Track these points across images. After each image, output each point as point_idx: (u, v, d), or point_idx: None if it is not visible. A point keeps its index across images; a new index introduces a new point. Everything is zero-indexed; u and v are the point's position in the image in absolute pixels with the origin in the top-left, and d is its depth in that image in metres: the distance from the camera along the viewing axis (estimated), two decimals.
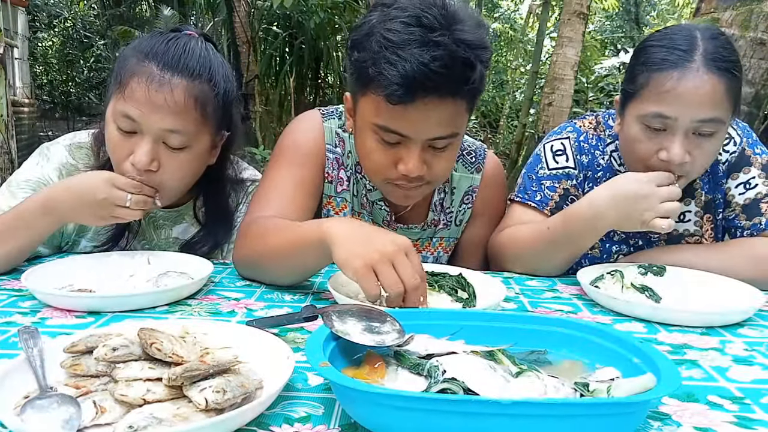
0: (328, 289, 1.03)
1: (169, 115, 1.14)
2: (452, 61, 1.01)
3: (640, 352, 0.70)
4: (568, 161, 1.41)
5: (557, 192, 1.41)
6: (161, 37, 1.19)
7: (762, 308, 1.11)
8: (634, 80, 1.23)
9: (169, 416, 0.60)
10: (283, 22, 8.95)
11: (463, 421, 0.57)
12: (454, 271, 1.13)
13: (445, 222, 1.43)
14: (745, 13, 3.34)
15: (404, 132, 1.08)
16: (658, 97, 1.18)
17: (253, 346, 0.75)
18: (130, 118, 1.14)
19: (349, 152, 1.34)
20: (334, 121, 1.34)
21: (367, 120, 1.11)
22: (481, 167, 1.42)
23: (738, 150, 1.36)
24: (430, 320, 0.80)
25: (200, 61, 1.18)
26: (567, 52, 5.97)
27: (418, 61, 0.99)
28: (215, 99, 1.20)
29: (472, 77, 1.04)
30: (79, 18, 13.86)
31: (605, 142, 1.42)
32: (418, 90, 1.01)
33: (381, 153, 1.12)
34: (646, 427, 0.66)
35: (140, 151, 1.15)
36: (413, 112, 1.04)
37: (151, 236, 1.39)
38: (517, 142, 7.32)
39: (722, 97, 1.17)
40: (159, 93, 1.13)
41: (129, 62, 1.17)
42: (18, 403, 0.62)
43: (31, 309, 0.99)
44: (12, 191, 1.28)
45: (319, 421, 0.65)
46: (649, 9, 15.07)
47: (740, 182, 1.36)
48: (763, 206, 1.34)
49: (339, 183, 1.35)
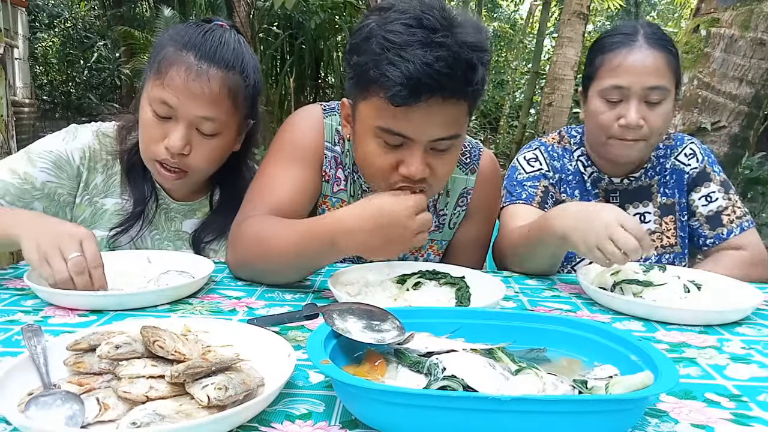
0: (329, 288, 1.04)
1: (204, 103, 1.20)
2: (455, 62, 1.00)
3: (638, 350, 0.70)
4: (542, 165, 1.57)
5: (539, 189, 1.54)
6: (198, 28, 1.25)
7: (760, 307, 1.12)
8: (592, 64, 1.48)
9: (171, 413, 0.60)
10: (284, 22, 8.96)
11: (462, 417, 0.57)
12: (456, 273, 1.14)
13: (437, 224, 1.41)
14: (745, 13, 3.35)
15: (407, 133, 1.06)
16: (612, 71, 1.42)
17: (254, 344, 0.76)
18: (167, 104, 1.20)
19: (348, 150, 1.32)
20: (334, 118, 1.32)
21: (369, 124, 1.09)
22: (476, 168, 1.41)
23: (700, 167, 1.58)
24: (430, 318, 0.80)
25: (234, 53, 1.24)
26: (567, 52, 5.98)
27: (421, 62, 0.98)
28: (245, 89, 1.26)
29: (475, 78, 1.04)
30: (80, 18, 13.86)
31: (571, 150, 1.61)
32: (422, 91, 1.00)
33: (383, 156, 1.10)
34: (644, 423, 0.66)
35: (174, 135, 1.22)
36: (416, 113, 1.03)
37: (162, 227, 1.40)
38: (517, 142, 7.34)
39: (664, 68, 1.40)
40: (196, 82, 1.19)
41: (167, 50, 1.23)
42: (22, 400, 0.63)
43: (34, 308, 0.99)
44: (31, 158, 1.30)
45: (320, 418, 0.65)
46: (648, 9, 15.07)
47: (702, 195, 1.57)
48: (724, 218, 1.55)
49: (336, 182, 1.33)
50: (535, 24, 10.20)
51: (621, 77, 1.40)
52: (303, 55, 9.26)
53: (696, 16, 3.69)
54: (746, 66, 3.35)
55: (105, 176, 1.36)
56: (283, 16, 8.49)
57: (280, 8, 5.83)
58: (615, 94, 1.41)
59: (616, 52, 1.42)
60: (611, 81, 1.41)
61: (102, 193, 1.36)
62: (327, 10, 8.16)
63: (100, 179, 1.36)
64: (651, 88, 1.38)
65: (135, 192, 1.35)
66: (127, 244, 1.36)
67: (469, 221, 1.43)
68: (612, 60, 1.42)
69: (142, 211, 1.35)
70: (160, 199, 1.39)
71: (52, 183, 1.30)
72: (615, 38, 1.44)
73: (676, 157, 1.59)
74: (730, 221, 1.54)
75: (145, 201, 1.35)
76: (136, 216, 1.35)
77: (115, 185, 1.37)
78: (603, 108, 1.43)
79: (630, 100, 1.40)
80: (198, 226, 1.41)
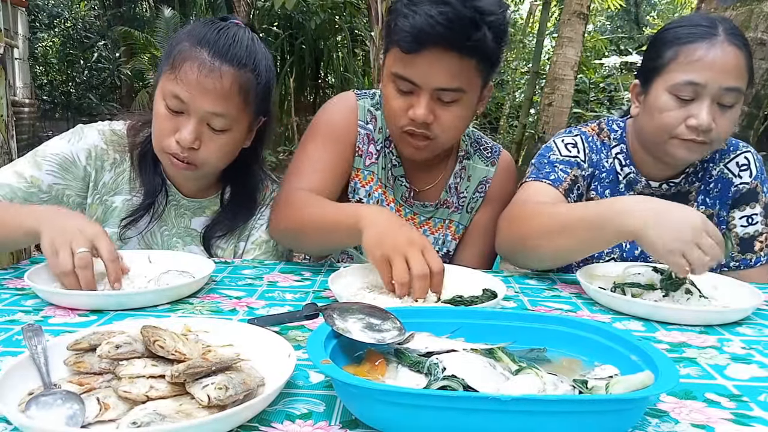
0: (329, 288, 1.04)
1: (216, 99, 1.22)
2: (457, 17, 1.14)
3: (638, 350, 0.70)
4: (580, 153, 1.46)
5: (569, 176, 1.41)
6: (213, 26, 1.27)
7: (760, 307, 1.12)
8: (661, 56, 1.31)
9: (172, 413, 0.60)
10: (284, 22, 8.97)
11: (462, 417, 0.57)
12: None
13: (456, 205, 1.51)
14: (745, 13, 3.35)
15: (413, 79, 1.22)
16: (688, 66, 1.26)
17: (254, 344, 0.76)
18: (179, 98, 1.22)
19: (380, 128, 1.45)
20: (367, 100, 1.46)
21: (388, 70, 1.27)
22: (496, 161, 1.54)
23: (752, 184, 1.44)
24: (430, 318, 0.80)
25: (247, 51, 1.25)
26: (567, 52, 5.97)
27: (426, 14, 1.14)
28: (257, 87, 1.28)
29: (475, 35, 1.16)
30: (80, 18, 13.87)
31: (609, 146, 1.47)
32: (425, 40, 1.16)
33: (396, 100, 1.27)
34: (644, 424, 0.66)
35: (185, 130, 1.23)
36: (421, 60, 1.19)
37: (171, 223, 1.41)
38: (517, 142, 7.33)
39: (743, 68, 1.27)
40: (208, 78, 1.21)
41: (182, 46, 1.24)
42: (22, 399, 0.63)
43: (34, 307, 0.99)
44: (37, 161, 1.30)
45: (320, 418, 0.65)
46: (648, 9, 15.07)
47: (744, 215, 1.44)
48: (757, 244, 1.44)
49: (368, 157, 1.45)
50: (535, 24, 10.21)
51: (699, 73, 1.25)
52: (303, 55, 9.26)
53: None
54: None
55: (113, 174, 1.37)
56: (283, 16, 8.49)
57: (280, 8, 5.83)
58: (688, 91, 1.26)
59: (696, 45, 1.26)
60: (687, 76, 1.26)
61: (111, 191, 1.37)
62: (327, 10, 8.17)
63: (109, 177, 1.36)
64: (728, 89, 1.25)
65: (145, 184, 1.36)
66: (136, 237, 1.37)
67: (485, 207, 1.53)
68: (690, 53, 1.26)
69: (151, 203, 1.36)
70: (170, 194, 1.40)
71: (59, 185, 1.31)
72: (692, 29, 1.28)
73: (726, 164, 1.45)
74: (760, 249, 1.43)
75: (155, 194, 1.36)
76: (146, 208, 1.36)
77: (124, 183, 1.37)
78: (672, 105, 1.28)
79: (703, 100, 1.25)
80: (208, 223, 1.41)
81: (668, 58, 1.29)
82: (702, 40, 1.26)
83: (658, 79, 1.31)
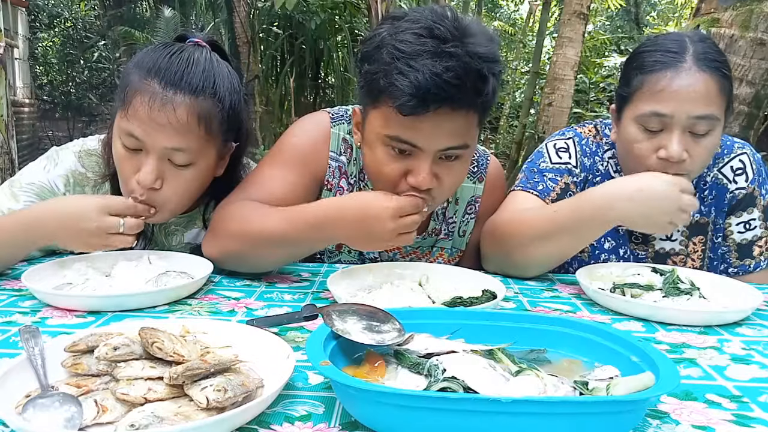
0: (328, 289, 1.04)
1: (172, 134, 1.12)
2: (465, 73, 1.00)
3: (638, 351, 0.70)
4: (571, 159, 1.41)
5: (558, 185, 1.39)
6: (164, 51, 1.17)
7: (760, 307, 1.12)
8: (629, 84, 1.26)
9: (170, 415, 0.60)
10: (284, 22, 8.96)
11: (462, 419, 0.57)
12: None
13: (446, 232, 1.41)
14: (745, 13, 3.35)
15: (416, 143, 1.06)
16: (653, 96, 1.21)
17: (253, 346, 0.76)
18: (134, 136, 1.13)
19: (355, 159, 1.32)
20: (342, 126, 1.32)
21: (378, 132, 1.09)
22: (483, 176, 1.41)
23: (748, 189, 1.39)
24: (430, 319, 0.80)
25: (204, 76, 1.15)
26: (567, 52, 5.97)
27: (431, 72, 0.98)
28: (220, 114, 1.17)
29: (485, 89, 1.04)
30: (80, 18, 13.86)
31: (603, 149, 1.44)
32: (431, 101, 1.00)
33: (391, 165, 1.10)
34: (645, 425, 0.66)
35: (145, 169, 1.14)
36: (425, 122, 1.03)
37: (162, 243, 1.38)
38: (517, 142, 7.32)
39: (715, 94, 1.19)
40: (161, 112, 1.11)
41: (132, 78, 1.15)
42: (19, 402, 0.63)
43: (32, 309, 0.99)
44: (14, 192, 1.26)
45: (319, 420, 0.65)
46: (649, 9, 15.06)
47: (742, 221, 1.40)
48: (755, 249, 1.39)
49: (338, 191, 1.32)
50: (535, 24, 10.21)
51: (663, 104, 1.19)
52: (303, 55, 9.26)
53: (696, 16, 3.70)
54: (746, 66, 3.36)
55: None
56: (283, 16, 8.48)
57: (281, 8, 5.83)
58: (655, 122, 1.20)
59: (659, 74, 1.20)
60: (651, 107, 1.20)
61: None
62: (327, 10, 8.16)
63: None
64: (698, 117, 1.18)
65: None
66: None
67: (477, 227, 1.42)
68: (653, 83, 1.21)
69: (140, 232, 1.29)
70: None
71: None
72: (657, 56, 1.22)
73: (720, 169, 1.40)
74: (759, 253, 1.39)
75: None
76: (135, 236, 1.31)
77: None
78: (640, 137, 1.23)
79: (672, 130, 1.19)
80: (199, 240, 1.35)
81: (634, 88, 1.24)
82: (666, 69, 1.20)
83: (627, 108, 1.27)
